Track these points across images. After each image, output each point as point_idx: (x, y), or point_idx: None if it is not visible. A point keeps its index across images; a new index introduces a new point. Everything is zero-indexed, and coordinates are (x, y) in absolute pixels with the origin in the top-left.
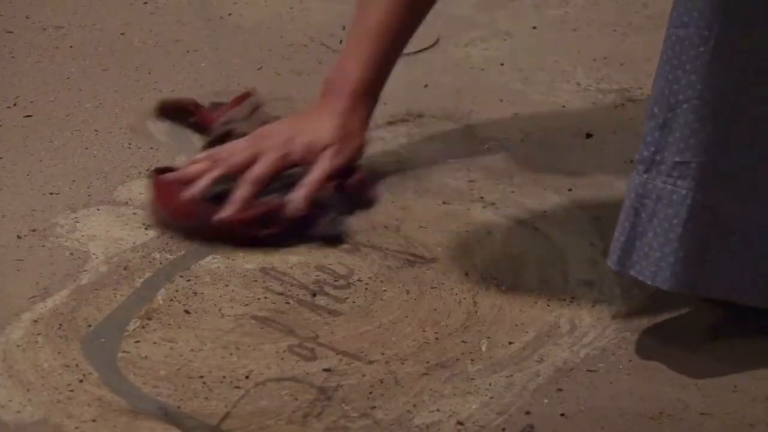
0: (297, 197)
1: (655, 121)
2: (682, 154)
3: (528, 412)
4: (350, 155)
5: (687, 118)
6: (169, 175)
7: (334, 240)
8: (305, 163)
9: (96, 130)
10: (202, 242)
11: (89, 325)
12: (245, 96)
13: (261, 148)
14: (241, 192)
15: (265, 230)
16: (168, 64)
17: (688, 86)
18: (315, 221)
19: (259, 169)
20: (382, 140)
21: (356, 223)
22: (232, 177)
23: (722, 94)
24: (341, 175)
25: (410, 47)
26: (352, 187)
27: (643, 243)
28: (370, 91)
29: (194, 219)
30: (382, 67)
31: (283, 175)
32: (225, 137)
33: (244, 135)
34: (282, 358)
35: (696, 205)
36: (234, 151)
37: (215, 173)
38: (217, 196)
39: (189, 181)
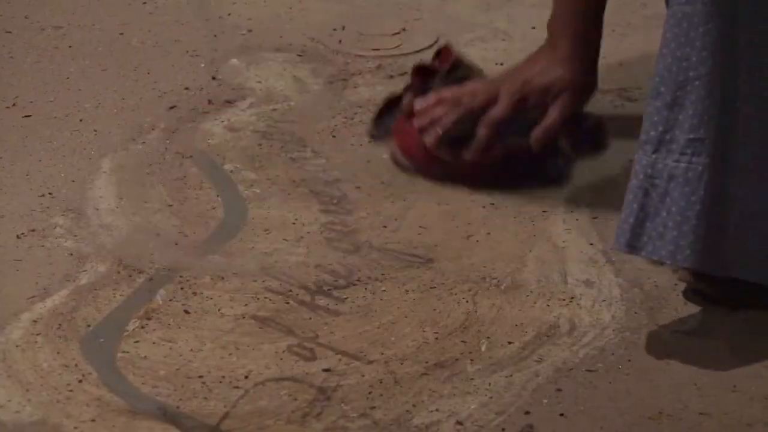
0: (536, 137)
1: (663, 99)
2: (696, 131)
3: (527, 412)
4: (585, 99)
5: (699, 95)
6: (413, 120)
7: (557, 181)
8: (542, 105)
9: (95, 131)
10: (441, 182)
11: (88, 325)
12: (447, 54)
13: (498, 90)
14: (484, 134)
15: (502, 170)
16: (167, 64)
17: (699, 63)
18: (545, 162)
19: (499, 111)
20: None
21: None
22: (469, 118)
23: (733, 69)
24: (574, 119)
25: (410, 47)
26: (585, 131)
27: (655, 223)
28: (590, 24)
29: (437, 162)
30: (596, 11)
31: (519, 117)
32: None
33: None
34: (281, 358)
35: (712, 182)
36: (473, 92)
37: (456, 115)
38: (457, 137)
39: (431, 123)
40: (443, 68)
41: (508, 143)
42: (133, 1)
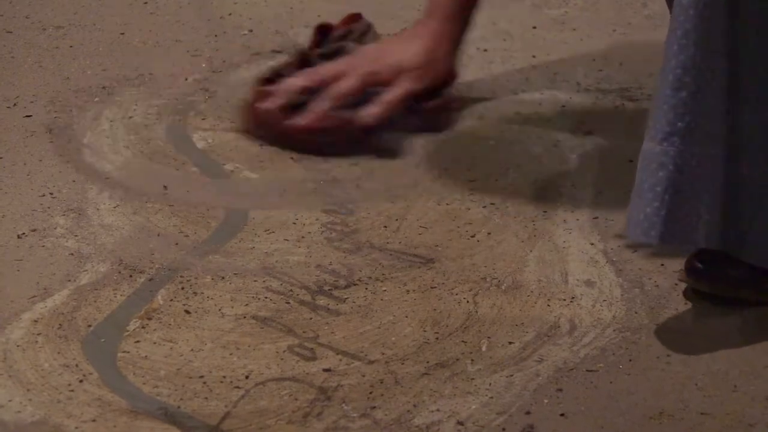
0: (369, 112)
1: (688, 89)
2: (716, 119)
3: (528, 412)
4: (434, 79)
5: (720, 83)
6: (265, 87)
7: (387, 154)
8: (389, 83)
9: (95, 131)
10: (280, 147)
11: (89, 325)
12: (354, 18)
13: (350, 66)
14: (319, 104)
15: (331, 139)
16: (168, 64)
17: (720, 51)
18: (378, 136)
19: (343, 85)
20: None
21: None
22: (318, 88)
23: (752, 55)
24: (424, 97)
25: None
26: (426, 111)
27: (688, 212)
28: (458, 13)
29: (270, 125)
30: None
31: (367, 92)
32: (334, 54)
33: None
34: (282, 358)
35: (729, 167)
36: (328, 67)
37: (298, 83)
38: (302, 105)
39: (282, 89)
40: (337, 31)
41: (343, 114)
42: (134, 1)
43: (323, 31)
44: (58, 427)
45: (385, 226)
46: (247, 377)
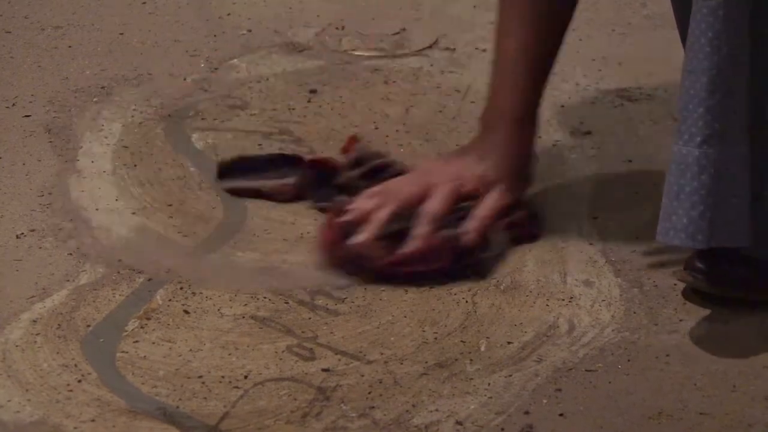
0: (471, 229)
1: (722, 91)
2: (742, 118)
3: (527, 412)
4: (521, 189)
5: (745, 83)
6: (341, 219)
7: (481, 275)
8: (476, 196)
9: (95, 131)
10: (378, 281)
11: (88, 325)
12: (351, 142)
13: (430, 182)
14: (422, 229)
15: (439, 264)
16: (167, 64)
17: (744, 51)
18: (476, 256)
19: (436, 204)
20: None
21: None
22: (405, 213)
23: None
24: (507, 210)
25: (410, 47)
26: (517, 223)
27: (731, 214)
28: (526, 117)
29: (368, 259)
30: (532, 92)
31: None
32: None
33: (399, 172)
34: (281, 358)
35: (752, 165)
36: (402, 186)
37: (388, 211)
38: (390, 234)
39: (361, 221)
40: (348, 158)
41: (447, 235)
42: (133, 1)
43: (317, 164)
44: (57, 427)
45: None
46: (245, 377)
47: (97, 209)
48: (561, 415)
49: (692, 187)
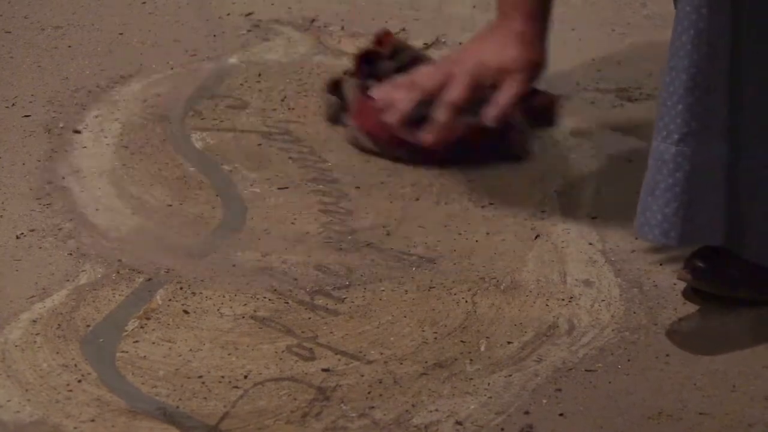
0: (491, 114)
1: (701, 90)
2: (724, 117)
3: (527, 412)
4: (536, 77)
5: (726, 82)
6: (372, 99)
7: (522, 155)
8: (495, 84)
9: (94, 131)
10: (405, 161)
11: (88, 325)
12: (387, 37)
13: (452, 72)
14: (443, 115)
15: (463, 149)
16: (167, 64)
17: (726, 50)
18: (506, 138)
19: (456, 92)
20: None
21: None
22: (426, 101)
23: (760, 55)
24: (525, 96)
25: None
26: (536, 107)
27: (705, 212)
28: (538, 13)
29: (400, 142)
30: None
31: (474, 97)
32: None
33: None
34: (281, 358)
35: (731, 168)
36: (427, 75)
37: (413, 97)
38: (415, 119)
39: (389, 105)
40: (384, 51)
41: (466, 122)
42: (133, 1)
43: (364, 57)
44: (56, 427)
45: (384, 226)
46: (245, 377)
47: (97, 209)
48: (561, 415)
49: (667, 184)
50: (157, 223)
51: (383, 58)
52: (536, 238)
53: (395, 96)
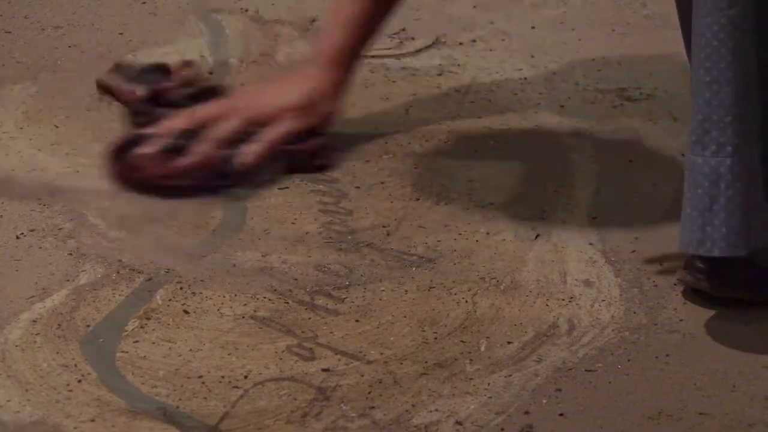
0: (246, 151)
1: (748, 100)
2: (751, 124)
3: (527, 412)
4: (314, 120)
5: (754, 92)
6: (138, 132)
7: (238, 197)
8: (271, 124)
9: (94, 131)
10: (153, 198)
11: (88, 325)
12: (186, 65)
13: (231, 106)
14: (199, 146)
15: (201, 181)
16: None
17: (750, 62)
18: (245, 178)
19: (223, 125)
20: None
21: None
22: (193, 131)
23: None
24: (303, 138)
25: (410, 47)
26: (302, 151)
27: (761, 217)
28: (343, 60)
29: (147, 170)
30: (355, 44)
31: (248, 133)
32: (203, 96)
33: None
34: (281, 358)
35: (749, 172)
36: (207, 108)
37: (177, 125)
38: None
39: (158, 133)
40: (183, 78)
41: (219, 155)
42: (133, 1)
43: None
44: (56, 427)
45: (384, 226)
46: (245, 377)
47: (96, 209)
48: (561, 415)
49: (727, 197)
50: (157, 224)
51: (172, 89)
52: (536, 238)
53: (166, 124)
